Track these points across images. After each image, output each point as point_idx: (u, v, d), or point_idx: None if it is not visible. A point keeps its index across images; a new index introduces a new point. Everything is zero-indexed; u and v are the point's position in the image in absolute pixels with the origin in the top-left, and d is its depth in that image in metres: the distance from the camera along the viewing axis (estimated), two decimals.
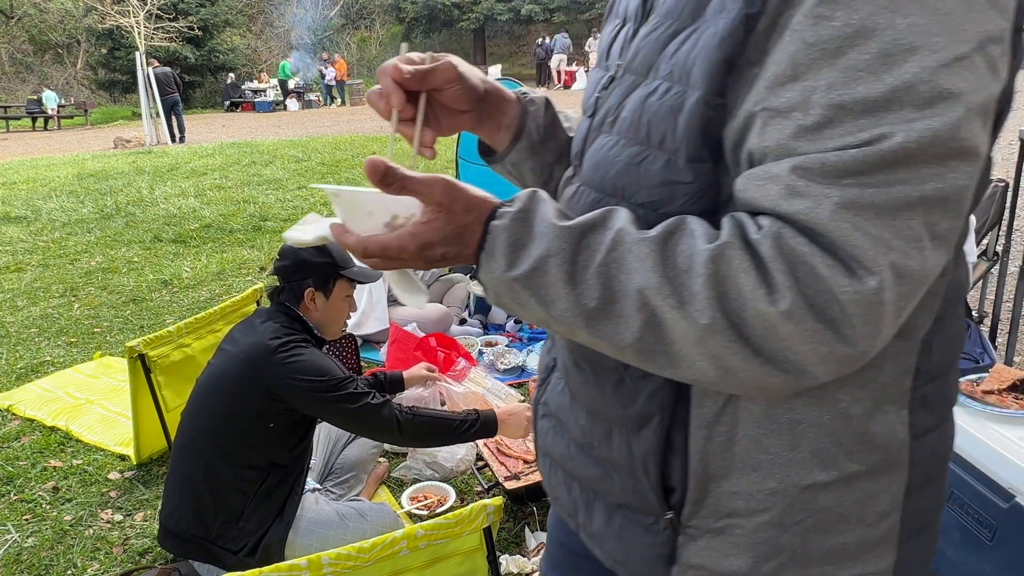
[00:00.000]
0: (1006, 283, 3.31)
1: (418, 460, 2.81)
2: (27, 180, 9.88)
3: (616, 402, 0.78)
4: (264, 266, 5.64)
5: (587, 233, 0.66)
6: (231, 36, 27.71)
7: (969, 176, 0.59)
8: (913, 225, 0.57)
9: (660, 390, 0.74)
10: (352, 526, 2.15)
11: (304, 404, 2.05)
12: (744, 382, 0.63)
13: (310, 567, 1.48)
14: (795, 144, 0.59)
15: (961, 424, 1.96)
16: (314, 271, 2.16)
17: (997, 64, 0.59)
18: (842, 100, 0.57)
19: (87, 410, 3.46)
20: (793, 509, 0.73)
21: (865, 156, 0.56)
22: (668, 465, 0.76)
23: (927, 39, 0.56)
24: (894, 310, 0.59)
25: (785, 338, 0.59)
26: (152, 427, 2.90)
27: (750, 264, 0.60)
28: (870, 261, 0.57)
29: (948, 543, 2.02)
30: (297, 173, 9.22)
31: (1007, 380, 2.04)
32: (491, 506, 1.63)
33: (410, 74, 0.78)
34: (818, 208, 0.58)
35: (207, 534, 2.06)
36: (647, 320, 0.63)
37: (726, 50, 0.64)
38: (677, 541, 0.79)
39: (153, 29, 20.62)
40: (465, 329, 4.15)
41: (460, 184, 0.70)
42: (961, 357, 2.56)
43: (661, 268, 0.62)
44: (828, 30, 0.57)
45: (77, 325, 4.59)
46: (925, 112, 0.56)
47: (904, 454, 0.75)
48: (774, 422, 0.71)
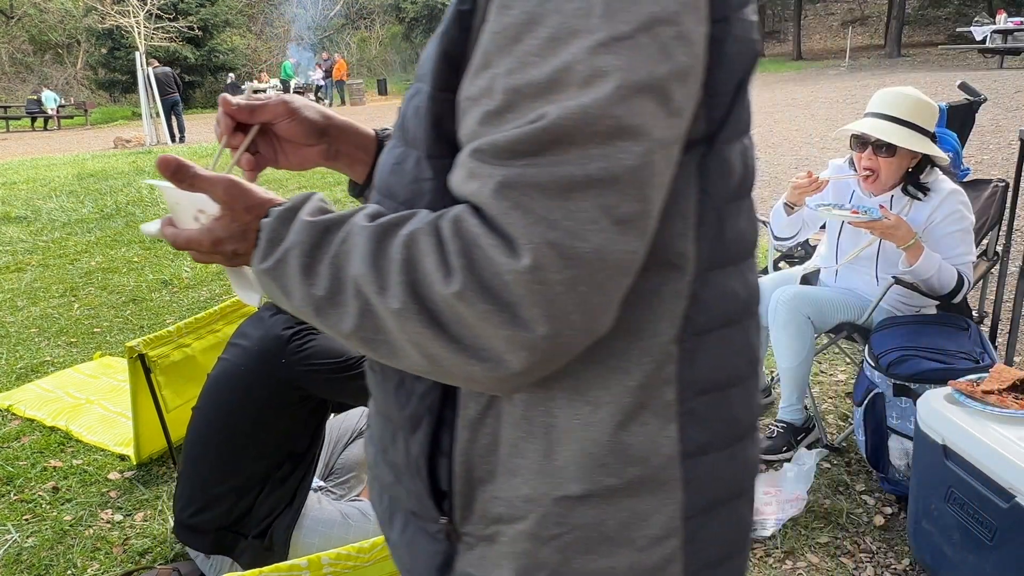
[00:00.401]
0: (1006, 283, 3.30)
1: None
2: (27, 180, 9.88)
3: (396, 403, 0.77)
4: None
5: (331, 228, 0.67)
6: (231, 36, 27.71)
7: (638, 156, 0.57)
8: (585, 206, 0.56)
9: (431, 391, 0.72)
10: (355, 526, 2.16)
11: (323, 388, 2.06)
12: (451, 372, 0.62)
13: (310, 567, 1.48)
14: (481, 129, 0.60)
15: (961, 424, 1.96)
16: None
17: (668, 46, 0.58)
18: (517, 84, 0.58)
19: (87, 410, 3.46)
20: (548, 521, 0.70)
21: (524, 134, 0.57)
22: (437, 467, 0.74)
23: (588, 22, 0.56)
24: (570, 294, 0.57)
25: (468, 322, 0.59)
26: (152, 427, 2.90)
27: (433, 247, 0.60)
28: (523, 238, 0.56)
29: (948, 543, 2.02)
30: (297, 173, 9.21)
31: (1007, 380, 2.04)
32: None
33: (237, 107, 0.86)
34: (484, 188, 0.58)
35: (221, 524, 2.07)
36: (362, 308, 0.63)
37: (444, 45, 0.66)
38: (456, 549, 0.77)
39: (153, 29, 20.62)
40: None
41: (244, 184, 0.74)
42: (961, 357, 2.56)
43: (372, 257, 0.63)
44: (508, 18, 0.59)
45: (77, 325, 4.59)
46: (582, 91, 0.56)
47: (674, 472, 0.70)
48: (531, 424, 0.69)
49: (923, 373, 2.34)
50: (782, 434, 2.85)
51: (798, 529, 2.41)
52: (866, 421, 2.50)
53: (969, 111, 3.72)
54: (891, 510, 2.50)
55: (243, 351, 2.10)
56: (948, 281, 2.55)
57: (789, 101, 13.74)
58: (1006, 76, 13.87)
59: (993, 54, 17.35)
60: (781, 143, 9.69)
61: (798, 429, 2.87)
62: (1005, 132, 8.43)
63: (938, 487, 2.03)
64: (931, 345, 2.45)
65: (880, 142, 2.59)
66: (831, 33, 28.92)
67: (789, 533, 2.39)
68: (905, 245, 2.52)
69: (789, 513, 2.42)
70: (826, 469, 2.75)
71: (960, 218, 2.61)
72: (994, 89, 11.60)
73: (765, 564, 2.27)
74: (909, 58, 20.98)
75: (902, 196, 2.69)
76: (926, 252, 2.51)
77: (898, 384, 2.38)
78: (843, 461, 2.80)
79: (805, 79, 17.93)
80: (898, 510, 2.49)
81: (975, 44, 17.78)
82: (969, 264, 2.62)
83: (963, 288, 2.59)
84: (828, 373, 3.56)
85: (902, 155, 2.61)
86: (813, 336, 2.77)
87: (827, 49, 26.31)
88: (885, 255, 2.74)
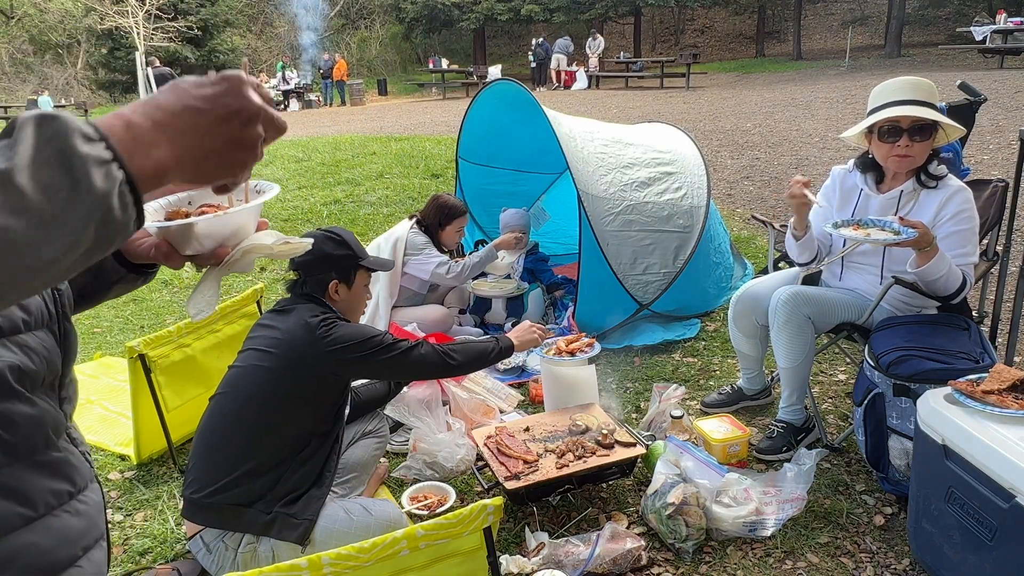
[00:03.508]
0: (1006, 283, 3.31)
1: (418, 460, 2.81)
2: None
3: None
4: (264, 266, 5.63)
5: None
6: (231, 36, 27.70)
7: None
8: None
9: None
10: (357, 520, 2.18)
11: (351, 367, 2.23)
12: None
13: (310, 567, 1.48)
14: None
15: (961, 424, 1.96)
16: (336, 264, 2.37)
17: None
18: None
19: (87, 410, 3.46)
20: None
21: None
22: None
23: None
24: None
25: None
26: (152, 427, 2.90)
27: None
28: None
29: (948, 543, 2.02)
30: (297, 173, 9.21)
31: (1007, 380, 2.03)
32: (491, 506, 1.63)
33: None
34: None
35: (244, 500, 2.12)
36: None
37: None
38: None
39: (153, 29, 20.62)
40: (466, 329, 4.15)
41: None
42: (961, 357, 2.55)
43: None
44: None
45: (77, 325, 4.58)
46: None
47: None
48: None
49: (923, 373, 2.33)
50: (782, 434, 2.85)
51: (798, 529, 2.41)
52: (866, 421, 2.50)
53: (969, 111, 3.72)
54: (891, 510, 2.50)
55: (270, 339, 2.24)
56: (954, 282, 2.55)
57: (789, 101, 13.73)
58: (1006, 76, 13.86)
59: (993, 54, 17.34)
60: (781, 143, 9.69)
61: (798, 429, 2.87)
62: (1005, 132, 8.43)
63: (938, 487, 2.03)
64: (931, 345, 2.45)
65: (916, 126, 2.58)
66: (831, 33, 28.90)
67: (789, 533, 2.39)
68: (926, 247, 2.48)
69: (789, 513, 2.42)
70: (826, 469, 2.75)
71: (967, 218, 2.61)
72: (994, 89, 11.59)
73: (765, 564, 2.27)
74: (909, 58, 20.97)
75: (910, 188, 2.69)
76: (939, 254, 2.49)
77: (898, 384, 2.38)
78: (843, 461, 2.80)
79: (805, 79, 17.92)
80: (898, 510, 2.49)
81: (975, 44, 17.76)
82: (971, 265, 2.62)
83: (965, 288, 2.59)
84: (828, 373, 3.56)
85: (932, 136, 2.61)
86: (813, 336, 2.77)
87: (827, 49, 26.29)
88: (892, 254, 2.73)
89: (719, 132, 10.94)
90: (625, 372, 3.63)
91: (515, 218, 4.48)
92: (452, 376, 2.93)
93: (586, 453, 2.54)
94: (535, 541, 2.32)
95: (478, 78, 22.00)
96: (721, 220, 4.81)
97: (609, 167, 4.13)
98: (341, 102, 23.23)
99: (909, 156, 2.64)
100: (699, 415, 3.17)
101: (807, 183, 2.72)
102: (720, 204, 6.90)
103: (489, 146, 5.11)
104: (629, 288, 3.96)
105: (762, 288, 3.01)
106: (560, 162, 4.27)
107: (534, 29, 28.60)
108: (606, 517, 2.50)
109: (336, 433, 2.30)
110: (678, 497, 2.34)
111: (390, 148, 10.69)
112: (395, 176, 8.69)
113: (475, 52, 29.45)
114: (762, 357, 3.17)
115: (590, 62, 23.39)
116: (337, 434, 2.31)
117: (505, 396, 3.33)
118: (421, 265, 3.86)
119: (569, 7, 25.65)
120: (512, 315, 4.30)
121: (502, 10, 26.38)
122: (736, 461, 2.77)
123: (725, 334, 3.78)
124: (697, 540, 2.33)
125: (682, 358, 3.81)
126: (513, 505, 2.52)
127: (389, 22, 31.79)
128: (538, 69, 23.31)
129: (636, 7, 26.30)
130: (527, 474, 2.44)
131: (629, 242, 3.99)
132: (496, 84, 4.68)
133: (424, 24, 27.99)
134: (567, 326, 4.05)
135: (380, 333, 2.28)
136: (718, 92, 17.14)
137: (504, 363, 3.69)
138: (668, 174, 4.30)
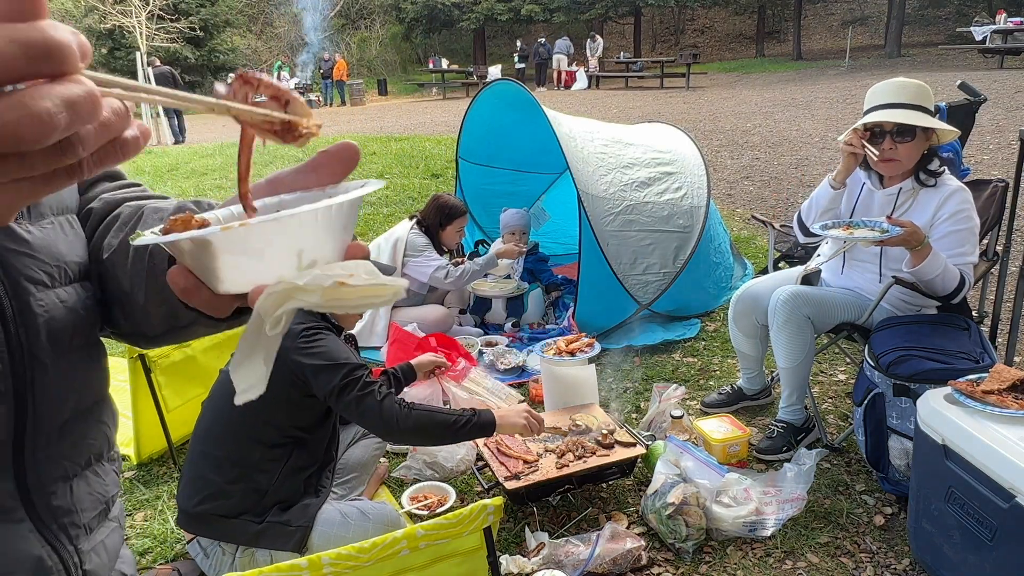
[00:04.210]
0: (1006, 283, 3.31)
1: (418, 460, 2.81)
2: None
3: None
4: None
5: None
6: (231, 36, 27.71)
7: None
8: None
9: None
10: (354, 524, 2.17)
11: (316, 385, 2.12)
12: None
13: (310, 567, 1.48)
14: None
15: (961, 424, 1.96)
16: None
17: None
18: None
19: None
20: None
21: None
22: None
23: None
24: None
25: None
26: (152, 427, 2.90)
27: None
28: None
29: (948, 543, 2.02)
30: None
31: (1007, 380, 2.03)
32: (491, 506, 1.63)
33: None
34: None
35: (232, 511, 2.09)
36: None
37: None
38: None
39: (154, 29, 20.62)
40: (466, 329, 4.15)
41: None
42: (961, 357, 2.56)
43: None
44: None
45: None
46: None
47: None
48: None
49: (923, 373, 2.33)
50: (782, 434, 2.85)
51: (798, 529, 2.41)
52: (866, 421, 2.50)
53: (969, 111, 3.72)
54: (891, 510, 2.50)
55: None
56: (951, 282, 2.55)
57: (789, 101, 13.73)
58: (1006, 76, 13.86)
59: (993, 54, 17.34)
60: (781, 143, 9.69)
61: (798, 429, 2.87)
62: (1005, 132, 8.43)
63: (938, 487, 2.03)
64: (931, 345, 2.45)
65: (899, 128, 2.61)
66: (831, 33, 28.91)
67: (789, 533, 2.39)
68: (917, 246, 2.50)
69: (789, 513, 2.42)
70: (826, 469, 2.75)
71: (965, 218, 2.61)
72: (994, 89, 11.60)
73: (765, 564, 2.27)
74: (909, 58, 20.97)
75: (909, 187, 2.70)
76: (933, 253, 2.50)
77: (898, 384, 2.38)
78: (843, 461, 2.80)
79: (805, 79, 17.92)
80: (898, 510, 2.49)
81: (975, 44, 17.77)
82: (970, 265, 2.62)
83: (964, 288, 2.59)
84: (828, 373, 3.56)
85: (919, 137, 2.63)
86: (813, 336, 2.77)
87: (827, 49, 26.30)
88: (888, 253, 2.74)
89: (719, 132, 10.94)
90: (625, 372, 3.63)
91: (515, 218, 4.48)
92: (393, 442, 2.70)
93: (586, 453, 2.54)
94: (535, 541, 2.32)
95: (478, 78, 22.02)
96: (721, 220, 4.81)
97: (609, 167, 4.14)
98: (341, 102, 23.23)
99: (895, 160, 2.65)
100: (699, 415, 3.17)
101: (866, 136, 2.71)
102: (720, 204, 6.90)
103: (489, 146, 5.11)
104: (629, 288, 3.96)
105: (762, 288, 3.01)
106: (560, 162, 4.27)
107: (534, 29, 28.61)
108: (606, 517, 2.50)
109: (329, 441, 2.24)
110: (678, 497, 2.34)
111: (390, 148, 10.69)
112: (395, 176, 8.69)
113: (475, 52, 29.46)
114: (762, 357, 3.17)
115: (590, 63, 23.41)
116: (330, 442, 2.25)
117: (505, 396, 3.33)
118: (420, 267, 3.86)
119: (569, 7, 25.67)
120: (512, 315, 4.30)
121: (502, 10, 26.40)
122: (736, 461, 2.77)
123: (725, 334, 3.78)
124: (697, 540, 2.33)
125: (682, 358, 3.81)
126: (513, 505, 2.52)
127: (389, 22, 31.80)
128: (528, 70, 23.29)
129: (636, 7, 26.31)
130: (527, 474, 2.44)
131: (629, 242, 3.99)
132: (496, 84, 4.69)
133: (424, 24, 28.02)
134: (567, 326, 4.05)
135: (356, 366, 2.13)
136: (718, 92, 17.14)
137: (504, 363, 3.70)
138: (668, 174, 4.30)
